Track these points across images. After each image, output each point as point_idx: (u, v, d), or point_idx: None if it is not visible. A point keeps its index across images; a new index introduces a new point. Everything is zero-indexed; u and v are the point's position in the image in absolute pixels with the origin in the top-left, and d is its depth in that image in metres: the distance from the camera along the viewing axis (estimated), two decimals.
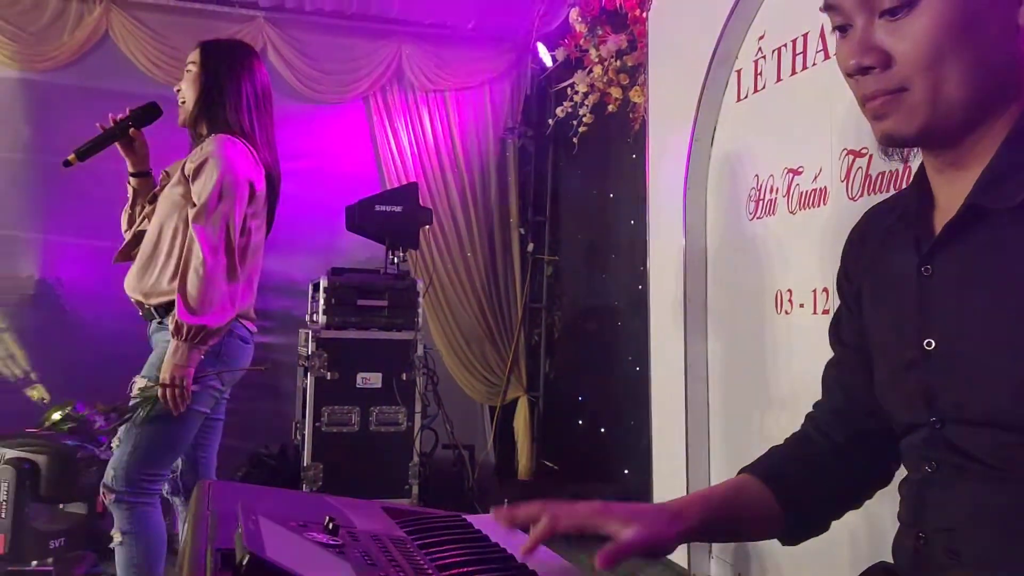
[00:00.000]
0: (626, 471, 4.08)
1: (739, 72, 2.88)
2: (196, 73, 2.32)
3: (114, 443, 2.22)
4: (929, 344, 0.92)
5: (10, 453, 3.03)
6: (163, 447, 2.21)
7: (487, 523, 1.00)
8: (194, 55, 2.36)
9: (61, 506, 3.29)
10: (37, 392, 4.27)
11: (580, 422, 4.68)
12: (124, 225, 2.47)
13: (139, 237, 2.34)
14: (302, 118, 4.81)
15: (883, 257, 1.04)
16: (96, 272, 4.13)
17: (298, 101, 4.78)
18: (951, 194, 0.94)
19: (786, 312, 2.59)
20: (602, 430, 4.43)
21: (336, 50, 4.83)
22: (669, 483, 3.19)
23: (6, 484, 3.02)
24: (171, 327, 2.13)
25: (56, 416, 3.50)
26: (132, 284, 2.29)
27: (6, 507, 3.02)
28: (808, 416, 1.17)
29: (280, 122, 4.63)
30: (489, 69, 5.05)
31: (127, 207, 2.47)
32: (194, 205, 2.18)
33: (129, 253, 2.37)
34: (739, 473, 1.12)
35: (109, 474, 2.19)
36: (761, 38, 2.74)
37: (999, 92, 0.89)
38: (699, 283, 3.10)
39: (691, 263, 3.09)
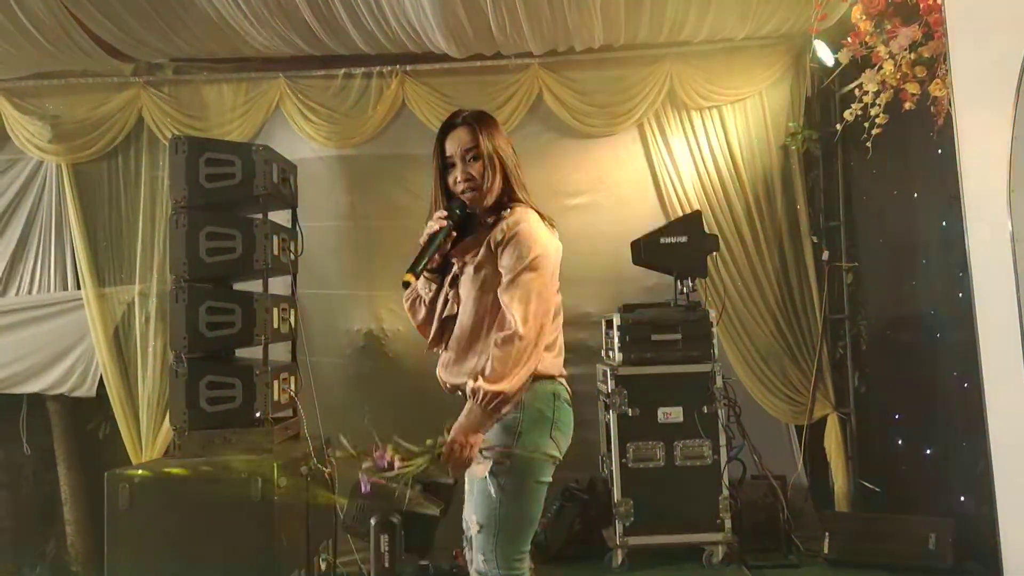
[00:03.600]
0: (962, 498, 3.70)
1: None
2: (483, 152, 2.23)
3: (474, 529, 2.21)
4: None
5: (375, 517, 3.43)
6: (522, 525, 2.20)
7: None
8: (465, 135, 2.25)
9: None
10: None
11: (900, 441, 4.32)
12: (422, 314, 2.40)
13: (446, 323, 2.31)
14: (580, 153, 4.97)
15: None
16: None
17: (575, 137, 4.94)
18: None
19: None
20: (927, 451, 4.06)
21: (607, 83, 4.91)
22: (1019, 518, 2.84)
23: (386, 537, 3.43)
24: (469, 387, 2.10)
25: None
26: (453, 371, 2.27)
27: (388, 557, 3.41)
28: None
29: (559, 159, 4.92)
30: (764, 76, 4.85)
31: (424, 296, 2.38)
32: (506, 277, 2.14)
33: (440, 339, 2.34)
34: None
35: (479, 559, 2.19)
36: None
37: None
38: None
39: None
